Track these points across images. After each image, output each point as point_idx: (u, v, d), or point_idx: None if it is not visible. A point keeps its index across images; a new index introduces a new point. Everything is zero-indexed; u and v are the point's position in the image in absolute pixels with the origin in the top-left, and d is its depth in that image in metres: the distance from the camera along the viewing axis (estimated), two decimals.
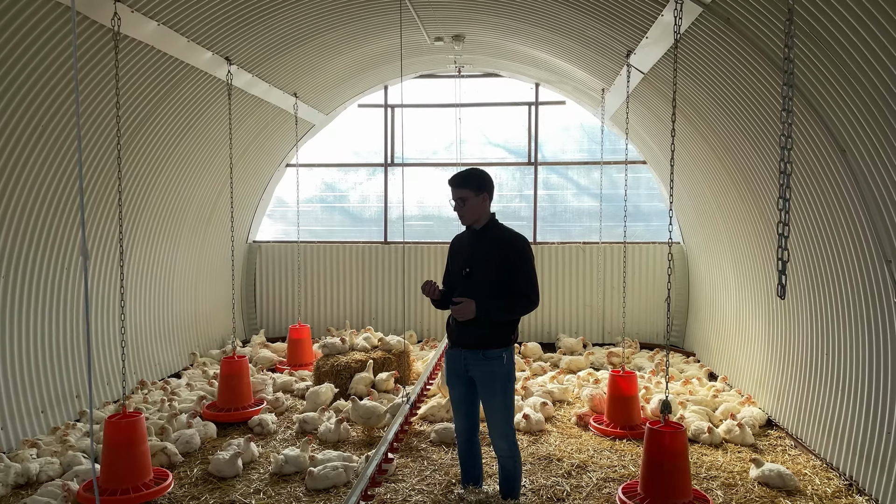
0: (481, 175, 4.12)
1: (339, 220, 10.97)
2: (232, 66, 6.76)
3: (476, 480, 4.34)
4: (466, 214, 4.10)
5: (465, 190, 4.05)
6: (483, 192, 4.08)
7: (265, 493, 4.97)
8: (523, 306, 3.98)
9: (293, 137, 9.50)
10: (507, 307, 3.97)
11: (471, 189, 4.05)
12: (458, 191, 4.07)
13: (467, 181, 4.06)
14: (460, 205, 4.08)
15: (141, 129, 6.55)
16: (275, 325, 10.62)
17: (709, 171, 7.08)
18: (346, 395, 7.15)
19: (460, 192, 4.06)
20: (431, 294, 4.12)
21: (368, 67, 8.96)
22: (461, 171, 4.15)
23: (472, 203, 4.06)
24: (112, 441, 4.72)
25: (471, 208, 4.07)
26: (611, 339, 10.07)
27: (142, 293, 7.62)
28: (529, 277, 3.99)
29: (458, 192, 4.07)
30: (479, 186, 4.07)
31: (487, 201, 4.12)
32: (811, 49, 4.17)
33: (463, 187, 4.06)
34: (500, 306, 3.96)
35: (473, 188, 4.06)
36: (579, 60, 7.55)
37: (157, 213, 7.54)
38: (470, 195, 4.05)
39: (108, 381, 6.90)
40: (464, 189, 4.06)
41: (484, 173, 4.15)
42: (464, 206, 4.07)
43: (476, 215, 4.10)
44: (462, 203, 4.07)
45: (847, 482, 4.98)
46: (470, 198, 4.05)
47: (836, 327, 5.19)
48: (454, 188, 4.09)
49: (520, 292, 3.97)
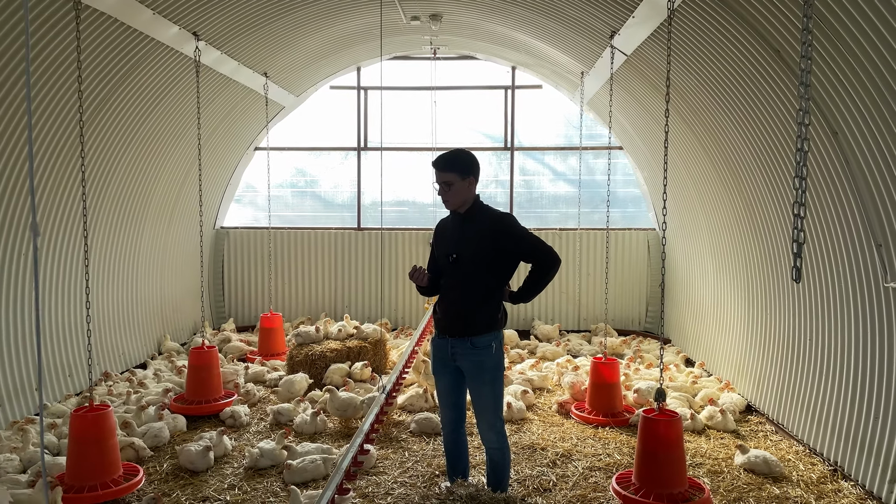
0: (468, 158, 3.89)
1: (311, 206, 10.69)
2: (200, 41, 6.44)
3: (463, 472, 4.19)
4: (451, 199, 3.87)
5: (451, 174, 3.83)
6: (469, 176, 3.87)
7: (240, 487, 4.76)
8: (547, 270, 3.84)
9: (263, 119, 9.18)
10: (535, 281, 3.87)
11: (457, 173, 3.83)
12: (442, 174, 3.84)
13: (453, 164, 3.83)
14: (445, 189, 3.85)
15: (104, 107, 6.21)
16: (244, 314, 10.32)
17: (689, 155, 7.02)
18: (321, 384, 6.95)
19: (445, 175, 3.83)
20: (419, 281, 3.92)
21: (342, 47, 8.68)
22: (446, 152, 3.91)
23: (457, 187, 3.84)
24: (79, 436, 4.45)
25: (456, 193, 3.85)
26: (587, 325, 10.02)
27: (104, 280, 7.27)
28: (534, 241, 3.84)
29: (443, 175, 3.84)
30: (465, 170, 3.84)
31: (474, 185, 3.91)
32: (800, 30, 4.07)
33: (448, 170, 3.83)
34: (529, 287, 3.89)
35: (459, 172, 3.83)
36: (560, 42, 7.40)
37: (120, 196, 7.19)
38: (456, 179, 3.83)
39: (69, 372, 6.57)
40: (449, 172, 3.83)
41: (470, 155, 3.91)
42: (449, 191, 3.85)
43: (461, 200, 3.89)
44: (447, 187, 3.84)
45: (832, 467, 4.97)
46: (456, 182, 3.83)
47: (821, 311, 5.16)
48: (439, 171, 3.86)
49: (535, 260, 3.84)
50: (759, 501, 4.52)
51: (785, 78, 4.59)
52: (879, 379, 4.49)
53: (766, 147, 5.31)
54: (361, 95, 10.32)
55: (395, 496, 4.58)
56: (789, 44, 4.32)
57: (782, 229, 5.56)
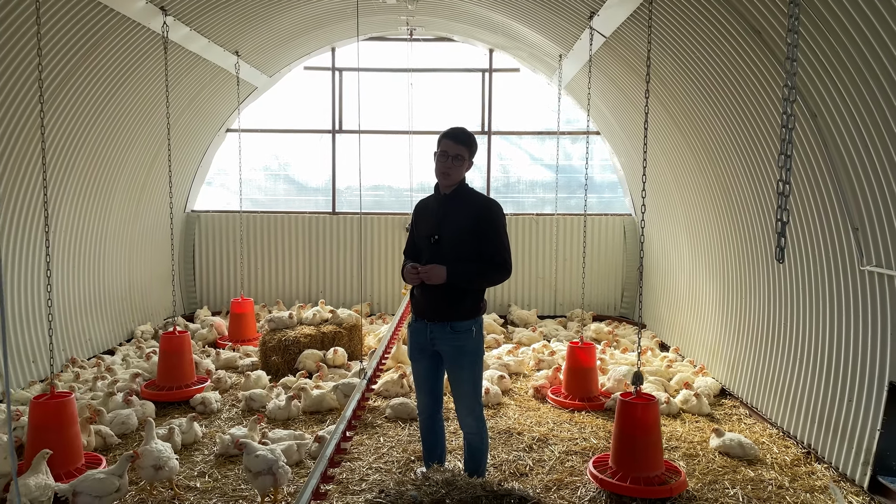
0: (476, 139, 3.92)
1: (284, 190, 10.50)
2: (168, 17, 6.22)
3: (439, 458, 4.12)
4: (454, 174, 3.81)
5: (464, 148, 3.80)
6: (472, 159, 3.91)
7: (210, 475, 4.64)
8: (498, 274, 3.75)
9: (234, 100, 8.96)
10: (480, 272, 3.74)
11: (469, 149, 3.83)
12: (457, 147, 3.77)
13: (469, 140, 3.83)
14: (451, 162, 3.77)
15: (66, 84, 5.98)
16: (216, 299, 10.13)
17: (667, 140, 6.99)
18: (293, 370, 6.83)
19: (459, 148, 3.78)
20: (413, 281, 3.81)
21: (316, 26, 8.49)
22: (461, 127, 3.88)
23: (462, 165, 3.82)
24: (38, 423, 4.30)
25: (458, 168, 3.82)
26: (563, 311, 10.01)
27: (69, 264, 7.05)
28: (504, 244, 3.77)
29: (457, 148, 3.78)
30: (474, 150, 3.89)
31: (466, 165, 3.89)
32: (784, 11, 4.03)
33: (464, 145, 3.79)
34: (472, 270, 3.72)
35: (470, 150, 3.85)
36: (538, 23, 7.30)
37: (85, 178, 6.96)
38: (466, 155, 3.82)
39: (32, 358, 6.37)
40: (463, 147, 3.79)
41: (474, 137, 3.93)
42: (455, 164, 3.79)
43: (459, 177, 3.87)
44: (457, 161, 3.78)
45: (805, 450, 5.00)
46: (466, 159, 3.82)
47: (796, 295, 5.18)
48: (453, 143, 3.77)
49: (493, 259, 3.74)
50: (734, 484, 4.53)
51: (765, 59, 4.55)
52: (854, 362, 4.52)
53: (745, 131, 5.29)
54: (336, 77, 10.13)
55: (370, 482, 4.50)
56: (770, 24, 4.28)
57: (759, 214, 5.56)
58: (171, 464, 4.25)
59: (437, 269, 3.67)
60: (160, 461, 4.18)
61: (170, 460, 4.26)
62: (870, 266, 4.22)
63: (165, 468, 4.21)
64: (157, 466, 4.18)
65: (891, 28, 3.40)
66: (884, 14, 3.39)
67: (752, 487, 4.49)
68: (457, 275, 3.69)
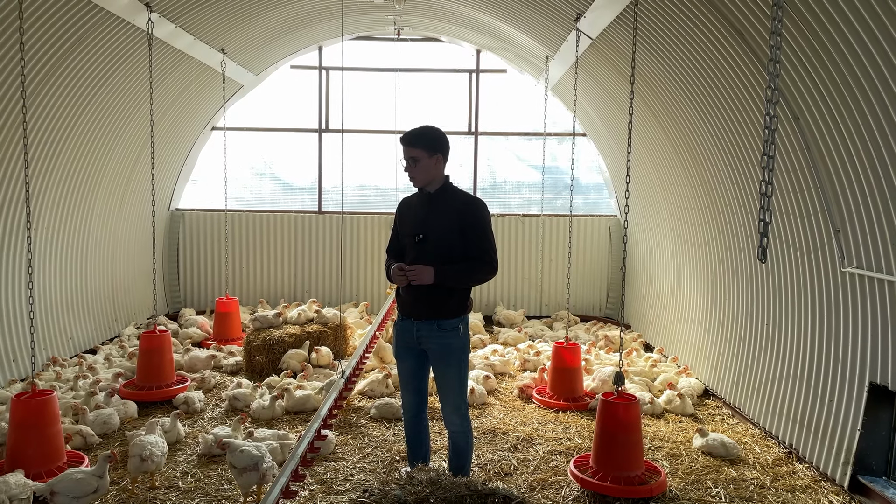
0: (436, 134, 3.83)
1: (270, 189, 10.45)
2: (153, 13, 6.17)
3: (424, 458, 4.12)
4: (417, 176, 3.82)
5: (418, 149, 3.77)
6: (437, 154, 3.81)
7: (193, 475, 4.61)
8: (484, 272, 3.75)
9: (220, 98, 8.89)
10: (467, 271, 3.74)
11: (423, 149, 3.77)
12: (409, 150, 3.78)
13: (420, 139, 3.78)
14: (411, 165, 3.80)
15: (48, 80, 5.91)
16: (200, 298, 10.05)
17: (652, 141, 7.03)
18: (278, 370, 6.80)
19: (412, 151, 3.78)
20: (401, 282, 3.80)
21: (302, 25, 8.45)
22: (415, 128, 3.85)
23: (424, 164, 3.78)
24: (19, 422, 4.25)
25: (422, 169, 3.79)
26: (548, 311, 10.03)
27: (51, 262, 6.97)
28: (485, 242, 3.76)
29: (410, 150, 3.78)
30: (432, 147, 3.79)
31: (442, 163, 3.85)
32: (767, 14, 4.07)
33: (415, 146, 3.77)
34: (459, 270, 3.72)
35: (426, 147, 3.78)
36: (524, 24, 7.32)
37: (67, 176, 6.89)
38: (423, 155, 3.77)
39: (13, 357, 6.29)
40: (416, 148, 3.77)
41: (439, 132, 3.85)
42: (415, 167, 3.79)
43: (429, 177, 3.84)
44: (413, 163, 3.79)
45: (787, 450, 5.05)
46: (422, 158, 3.78)
47: (779, 296, 5.22)
48: (405, 146, 3.80)
49: (479, 258, 3.73)
50: (717, 483, 4.57)
51: (749, 62, 4.59)
52: (834, 363, 4.56)
53: (728, 132, 5.33)
54: (323, 76, 10.10)
55: (354, 482, 4.49)
56: (753, 26, 4.32)
57: (742, 215, 5.60)
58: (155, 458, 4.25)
59: (424, 269, 3.66)
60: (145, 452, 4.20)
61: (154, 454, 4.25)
62: (851, 268, 4.26)
63: (149, 461, 4.20)
64: (143, 457, 4.18)
65: (873, 32, 3.44)
66: (866, 18, 3.43)
67: (735, 487, 4.52)
68: (444, 275, 3.68)
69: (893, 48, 3.36)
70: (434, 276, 3.67)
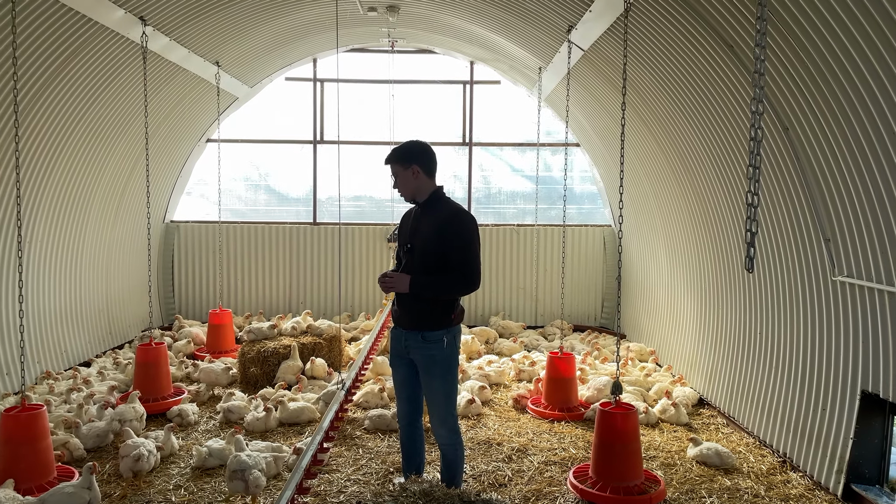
0: (408, 147, 3.95)
1: (265, 200, 10.46)
2: (147, 27, 6.20)
3: (418, 468, 4.11)
4: (399, 189, 3.99)
5: (395, 165, 3.94)
6: (412, 165, 3.88)
7: (186, 488, 4.59)
8: (459, 285, 3.74)
9: (215, 110, 8.92)
10: (439, 283, 3.74)
11: (397, 163, 3.92)
12: (390, 167, 3.98)
13: (392, 155, 3.96)
14: (394, 180, 3.98)
15: (43, 94, 5.93)
16: (195, 310, 10.03)
17: (645, 152, 7.07)
18: (273, 382, 6.78)
19: (391, 167, 3.97)
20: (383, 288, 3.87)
21: (297, 37, 8.50)
22: (394, 147, 4.01)
23: (402, 178, 3.92)
24: (10, 436, 4.23)
25: (402, 183, 3.94)
26: (543, 321, 10.04)
27: (45, 275, 6.96)
28: (466, 255, 3.72)
29: (390, 168, 3.97)
30: (405, 159, 3.90)
31: (420, 174, 3.89)
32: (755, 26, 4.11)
33: (391, 162, 3.96)
34: (430, 282, 3.74)
35: (400, 162, 3.92)
36: (517, 36, 7.38)
37: (61, 189, 6.89)
38: (398, 170, 3.92)
39: (6, 370, 6.27)
40: (392, 164, 3.96)
41: (413, 145, 3.96)
42: (396, 182, 3.97)
43: (411, 189, 3.93)
44: (394, 179, 3.97)
45: (781, 459, 5.05)
46: (399, 173, 3.92)
47: (771, 306, 5.25)
48: (389, 165, 3.98)
49: (458, 270, 3.73)
50: (711, 493, 4.56)
51: (738, 73, 4.63)
52: (827, 372, 4.58)
53: (719, 143, 5.37)
54: (317, 87, 10.14)
55: (347, 494, 4.48)
56: (742, 39, 4.36)
57: (733, 225, 5.63)
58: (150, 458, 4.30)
59: (401, 277, 3.75)
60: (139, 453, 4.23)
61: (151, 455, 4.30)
62: (841, 276, 4.29)
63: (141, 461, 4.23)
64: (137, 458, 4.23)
65: (859, 43, 3.48)
66: (852, 30, 3.47)
67: (729, 496, 4.52)
68: (419, 285, 3.73)
69: (881, 60, 3.40)
70: (409, 285, 3.71)
